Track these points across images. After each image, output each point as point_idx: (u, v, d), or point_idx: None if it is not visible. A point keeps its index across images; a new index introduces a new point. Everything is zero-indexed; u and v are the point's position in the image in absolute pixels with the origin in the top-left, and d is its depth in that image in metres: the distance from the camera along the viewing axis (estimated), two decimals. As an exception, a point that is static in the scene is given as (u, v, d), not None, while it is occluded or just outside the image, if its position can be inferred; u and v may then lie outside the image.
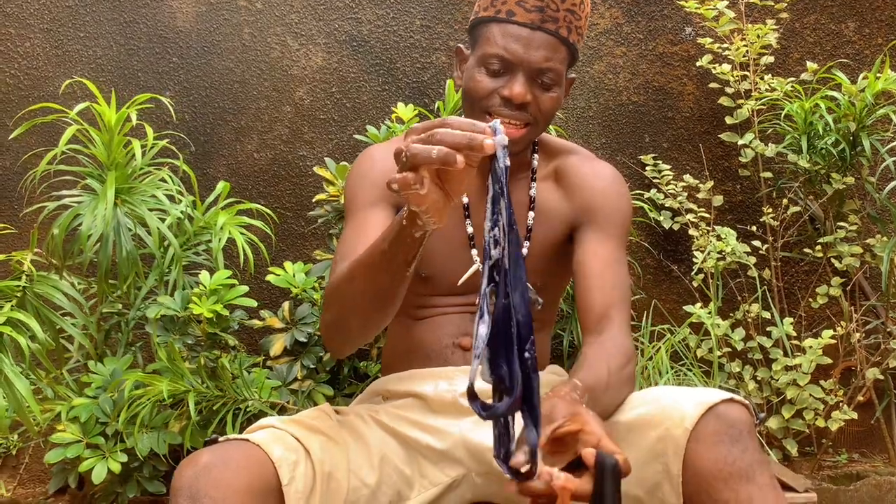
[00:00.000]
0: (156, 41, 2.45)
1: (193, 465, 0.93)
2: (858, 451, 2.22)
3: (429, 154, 0.77)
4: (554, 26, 1.18)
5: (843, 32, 2.40)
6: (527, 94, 1.17)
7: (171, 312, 1.65)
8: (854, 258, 1.99)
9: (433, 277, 1.27)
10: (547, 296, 1.31)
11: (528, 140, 1.24)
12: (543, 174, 1.32)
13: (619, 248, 1.25)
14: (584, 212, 1.28)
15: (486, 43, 1.19)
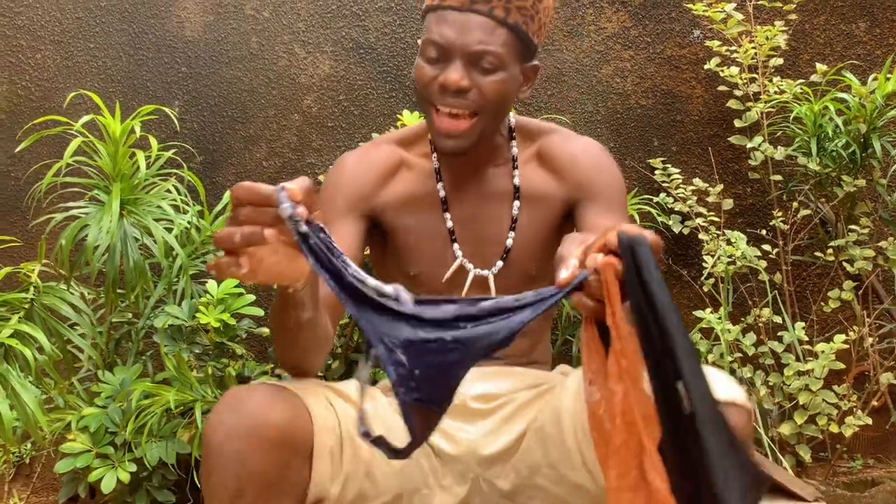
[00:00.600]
0: (164, 51, 2.47)
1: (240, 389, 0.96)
2: (874, 456, 2.19)
3: (231, 239, 0.76)
4: (487, 7, 1.12)
5: (853, 33, 2.38)
6: (462, 80, 1.12)
7: (178, 322, 1.65)
8: (866, 261, 1.97)
9: (420, 275, 1.25)
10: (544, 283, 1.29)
11: (477, 132, 1.17)
12: (525, 158, 1.29)
13: (622, 218, 1.23)
14: (579, 189, 1.24)
15: (425, 32, 1.17)
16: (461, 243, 1.26)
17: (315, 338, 1.03)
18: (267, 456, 0.90)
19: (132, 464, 1.66)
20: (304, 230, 0.77)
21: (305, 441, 0.96)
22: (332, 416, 1.03)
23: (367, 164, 1.26)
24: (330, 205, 1.22)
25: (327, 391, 1.08)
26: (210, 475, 0.90)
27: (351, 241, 1.19)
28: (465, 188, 1.27)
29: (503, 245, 1.25)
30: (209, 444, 0.91)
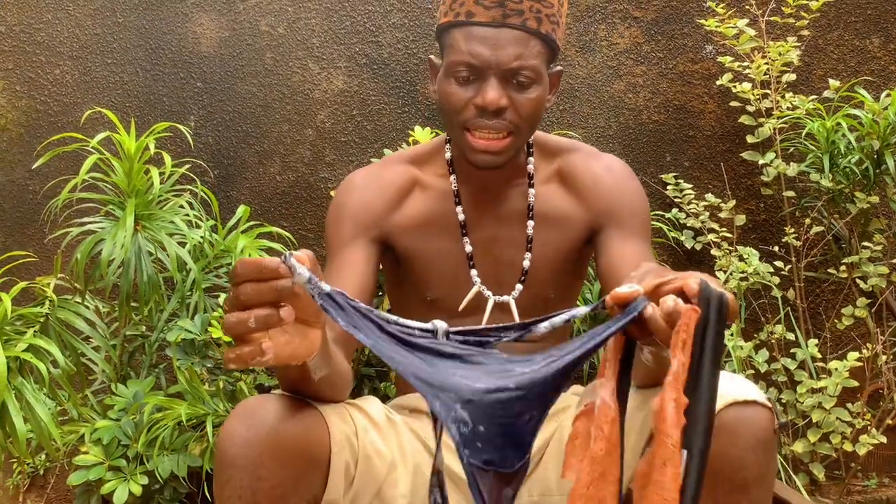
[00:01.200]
0: (180, 66, 2.50)
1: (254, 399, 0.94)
2: (889, 475, 2.17)
3: (246, 326, 0.70)
4: (519, 19, 1.09)
5: (867, 48, 2.37)
6: (501, 99, 1.10)
7: (190, 336, 1.67)
8: (881, 278, 1.96)
9: (438, 300, 1.24)
10: (560, 305, 1.28)
11: (515, 148, 1.16)
12: (544, 177, 1.26)
13: (646, 245, 1.21)
14: (603, 214, 1.22)
15: (451, 50, 1.12)
16: (479, 267, 1.24)
17: (333, 386, 1.00)
18: (281, 468, 0.91)
19: (144, 476, 1.67)
20: (327, 290, 0.73)
21: (320, 453, 0.96)
22: (350, 431, 1.03)
23: (379, 184, 1.24)
24: (339, 229, 1.20)
25: (348, 406, 1.08)
26: (224, 486, 0.90)
27: (362, 268, 1.17)
28: (483, 210, 1.25)
29: (521, 268, 1.24)
30: (223, 455, 0.91)
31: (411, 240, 1.24)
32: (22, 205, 2.47)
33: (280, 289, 0.71)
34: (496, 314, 1.24)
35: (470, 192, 1.25)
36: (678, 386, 0.69)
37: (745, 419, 0.90)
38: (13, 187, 2.48)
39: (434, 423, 0.87)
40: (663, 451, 0.68)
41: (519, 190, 1.26)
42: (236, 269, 0.72)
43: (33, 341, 1.26)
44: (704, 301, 0.72)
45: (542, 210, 1.25)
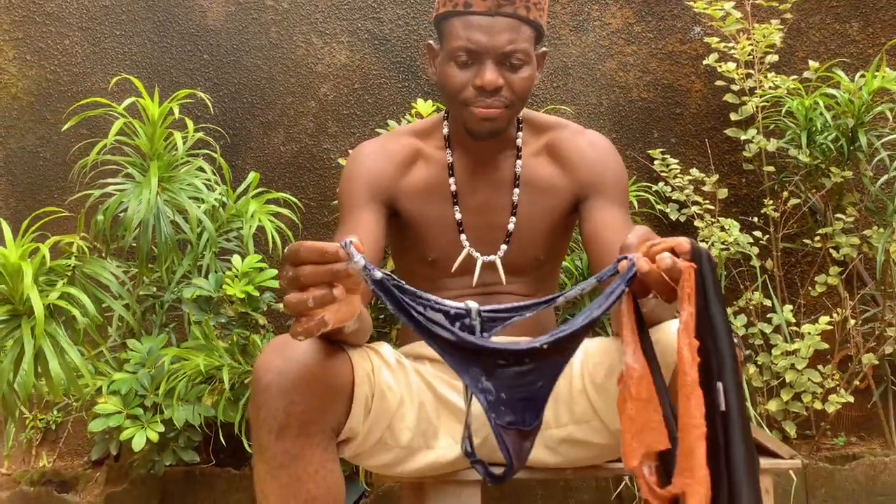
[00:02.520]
0: (187, 39, 2.58)
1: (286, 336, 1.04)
2: (857, 435, 2.31)
3: (306, 305, 0.82)
4: (511, 8, 1.22)
5: (847, 32, 2.48)
6: (498, 79, 1.22)
7: (205, 293, 1.77)
8: (852, 248, 2.08)
9: (438, 260, 1.36)
10: (547, 264, 1.40)
11: (509, 118, 1.29)
12: (533, 150, 1.38)
13: (625, 213, 1.34)
14: (587, 185, 1.35)
15: (450, 37, 1.25)
16: (468, 232, 1.36)
17: (357, 336, 1.12)
18: (311, 396, 1.02)
19: (160, 424, 1.78)
20: (379, 276, 0.85)
21: (344, 385, 1.08)
22: (368, 369, 1.14)
23: (387, 154, 1.35)
24: (352, 193, 1.31)
25: (367, 349, 1.19)
26: (260, 409, 1.01)
27: (374, 227, 1.28)
28: (476, 178, 1.37)
29: (506, 230, 1.36)
30: (259, 382, 1.02)
31: (414, 205, 1.36)
32: (33, 171, 2.56)
33: (337, 272, 0.82)
34: (485, 272, 1.36)
35: (464, 164, 1.37)
36: (690, 332, 0.81)
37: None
38: (24, 154, 2.56)
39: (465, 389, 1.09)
40: (685, 387, 0.80)
41: (508, 161, 1.38)
42: (299, 251, 0.82)
43: (66, 289, 1.36)
44: (697, 256, 0.84)
45: (529, 178, 1.37)
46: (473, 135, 1.30)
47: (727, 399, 0.81)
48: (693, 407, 0.80)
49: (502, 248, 1.36)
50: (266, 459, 1.02)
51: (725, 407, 0.81)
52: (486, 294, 1.37)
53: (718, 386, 0.81)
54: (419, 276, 1.40)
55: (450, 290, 1.37)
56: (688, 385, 0.80)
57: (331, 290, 0.83)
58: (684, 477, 0.80)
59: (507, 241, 1.36)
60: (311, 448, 1.03)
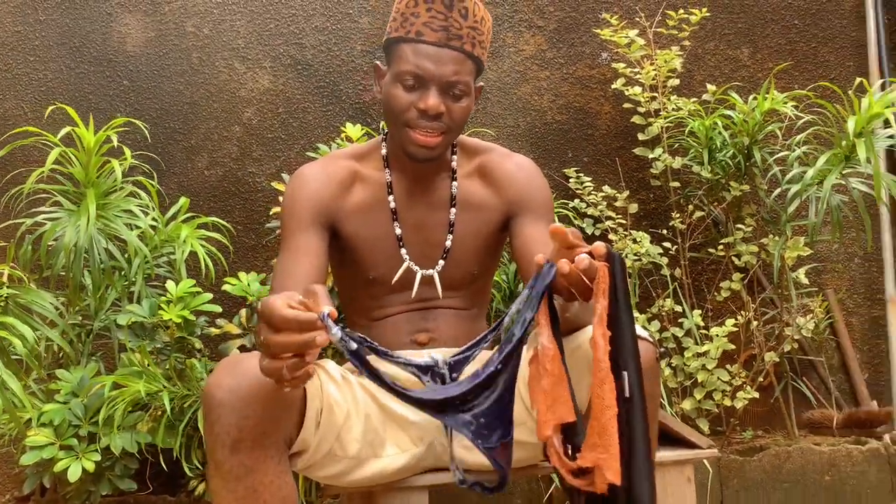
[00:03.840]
0: (106, 65, 2.56)
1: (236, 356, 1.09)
2: (762, 428, 2.49)
3: (281, 375, 0.88)
4: (459, 43, 1.31)
5: (738, 58, 2.70)
6: (440, 106, 1.31)
7: (140, 319, 1.77)
8: (751, 256, 2.27)
9: (378, 279, 1.42)
10: (481, 278, 1.49)
11: (445, 145, 1.38)
12: (466, 172, 1.47)
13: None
14: (515, 204, 1.44)
15: (399, 61, 1.33)
16: (408, 247, 1.43)
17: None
18: (263, 410, 1.06)
19: (96, 454, 1.76)
20: (354, 347, 0.91)
21: (295, 400, 1.12)
22: (317, 384, 1.19)
23: (327, 177, 1.40)
24: (294, 217, 1.36)
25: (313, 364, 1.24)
26: (213, 425, 1.05)
27: (317, 251, 1.33)
28: (414, 197, 1.44)
29: (444, 246, 1.44)
30: (212, 400, 1.05)
31: (354, 225, 1.42)
32: (-58, 201, 2.47)
33: (310, 343, 0.87)
34: (424, 287, 1.44)
35: (402, 184, 1.44)
36: (603, 323, 0.90)
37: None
38: (-67, 183, 2.48)
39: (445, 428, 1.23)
40: (599, 373, 0.89)
41: (444, 182, 1.46)
42: (277, 319, 0.87)
43: (3, 319, 1.35)
44: (611, 259, 0.94)
45: (464, 199, 1.45)
46: (410, 157, 1.37)
47: (630, 386, 0.92)
48: (606, 391, 0.89)
49: (440, 263, 1.44)
50: (222, 474, 1.06)
51: (629, 393, 0.91)
52: (424, 308, 1.44)
53: (624, 375, 0.91)
54: (360, 294, 1.46)
55: (390, 305, 1.44)
56: (602, 371, 0.90)
57: (304, 359, 0.88)
58: (598, 452, 0.89)
59: (444, 256, 1.44)
60: (265, 460, 1.07)
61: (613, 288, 0.93)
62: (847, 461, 2.19)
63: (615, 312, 0.91)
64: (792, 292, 2.24)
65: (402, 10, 1.35)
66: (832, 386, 2.46)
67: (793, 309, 2.25)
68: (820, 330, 2.34)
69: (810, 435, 2.39)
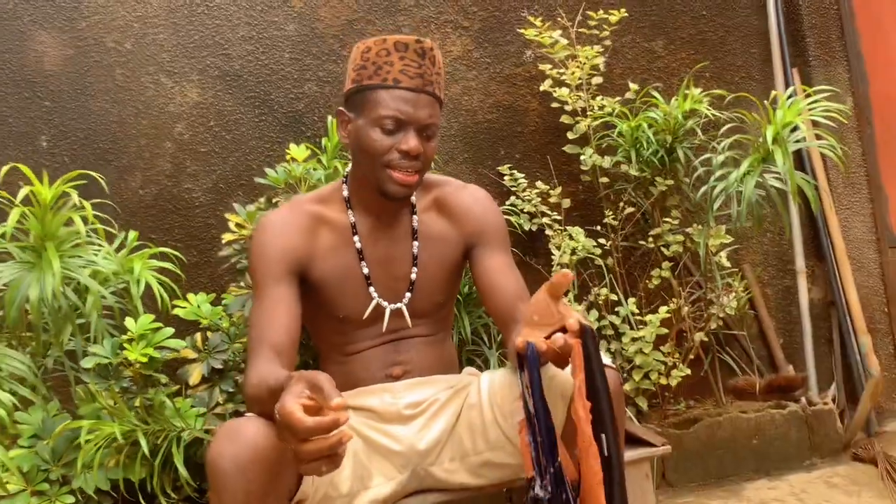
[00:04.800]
0: (24, 86, 2.47)
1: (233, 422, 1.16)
2: (693, 398, 2.70)
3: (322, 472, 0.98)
4: (431, 88, 1.41)
5: (654, 49, 2.84)
6: (419, 147, 1.39)
7: (104, 360, 1.78)
8: (678, 245, 2.43)
9: (348, 317, 1.48)
10: (445, 308, 1.58)
11: (419, 183, 1.46)
12: (424, 206, 1.55)
13: (508, 255, 1.53)
14: (473, 235, 1.53)
15: (378, 107, 1.39)
16: (375, 284, 1.49)
17: None
18: (265, 472, 1.13)
19: (70, 496, 1.77)
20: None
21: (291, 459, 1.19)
22: None
23: (292, 225, 1.45)
24: (264, 268, 1.40)
25: None
26: (222, 493, 1.11)
27: (291, 300, 1.38)
28: (377, 235, 1.50)
29: (409, 279, 1.51)
30: (216, 468, 1.11)
31: (322, 269, 1.47)
32: None
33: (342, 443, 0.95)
34: (393, 319, 1.51)
35: (365, 223, 1.50)
36: (582, 395, 1.01)
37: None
38: None
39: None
40: (584, 441, 1.01)
41: (405, 217, 1.53)
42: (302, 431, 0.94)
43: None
44: (584, 333, 1.05)
45: (425, 232, 1.53)
46: (388, 195, 1.43)
47: (608, 447, 1.04)
48: (591, 458, 1.02)
49: (406, 295, 1.51)
50: None
51: (608, 453, 1.04)
52: (395, 339, 1.52)
53: (602, 437, 1.03)
54: (331, 331, 1.52)
55: (362, 340, 1.51)
56: (585, 440, 1.02)
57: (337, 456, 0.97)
58: None
59: (410, 289, 1.52)
60: None
61: (588, 361, 1.03)
62: (771, 425, 2.42)
63: (591, 381, 1.02)
64: (716, 275, 2.42)
65: (373, 59, 1.41)
66: (753, 355, 2.69)
67: (717, 289, 2.43)
68: (741, 305, 2.54)
69: (737, 401, 2.61)
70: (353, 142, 1.44)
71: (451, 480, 1.42)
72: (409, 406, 1.45)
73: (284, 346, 1.31)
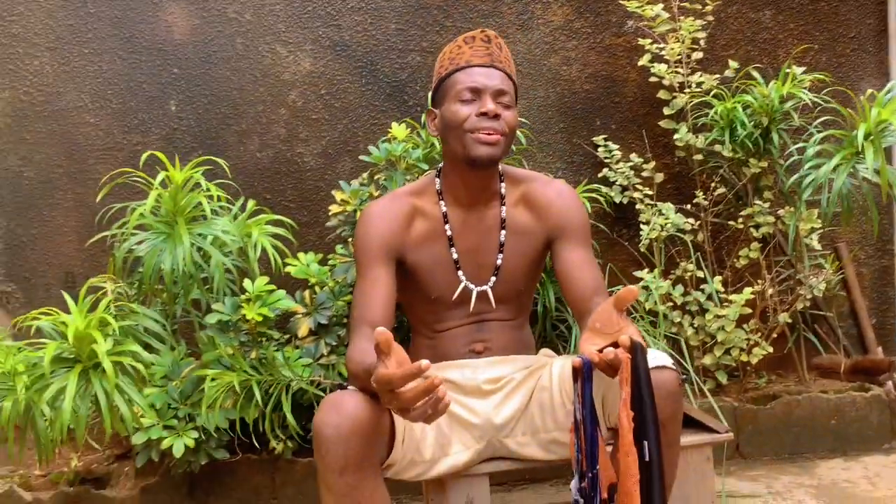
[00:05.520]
0: (156, 54, 2.70)
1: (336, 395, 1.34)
2: (776, 372, 2.74)
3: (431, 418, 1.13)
4: (501, 65, 1.59)
5: (760, 20, 2.79)
6: (497, 107, 1.55)
7: (225, 318, 2.02)
8: (769, 226, 2.45)
9: (439, 298, 1.64)
10: (526, 292, 1.71)
11: (504, 148, 1.58)
12: (513, 200, 1.67)
13: (588, 250, 1.64)
14: (555, 229, 1.64)
15: (456, 85, 1.57)
16: (464, 268, 1.64)
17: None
18: (362, 441, 1.31)
19: (194, 431, 2.05)
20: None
21: (386, 428, 1.38)
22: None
23: (392, 214, 1.61)
24: (366, 252, 1.58)
25: None
26: (325, 456, 1.30)
27: (388, 281, 1.55)
28: (467, 225, 1.64)
29: (495, 265, 1.65)
30: (322, 435, 1.30)
31: (416, 255, 1.63)
32: (19, 190, 2.69)
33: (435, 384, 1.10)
34: (478, 302, 1.65)
35: (456, 213, 1.64)
36: (627, 406, 1.13)
37: (661, 379, 1.34)
38: (8, 174, 2.69)
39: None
40: (625, 446, 1.13)
41: (494, 209, 1.65)
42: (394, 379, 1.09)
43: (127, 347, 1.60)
44: (634, 350, 1.16)
45: (511, 224, 1.65)
46: (476, 161, 1.55)
47: (650, 452, 1.16)
48: (630, 462, 1.14)
49: (491, 279, 1.65)
50: (333, 492, 1.32)
51: (649, 458, 1.15)
52: (479, 321, 1.66)
53: (645, 444, 1.15)
54: (424, 310, 1.68)
55: (450, 319, 1.66)
56: (626, 445, 1.14)
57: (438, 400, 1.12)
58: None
59: (495, 274, 1.65)
60: (365, 480, 1.33)
61: (636, 374, 1.14)
62: (851, 407, 2.45)
63: (638, 394, 1.13)
64: (804, 257, 2.43)
65: (448, 55, 1.60)
66: (840, 334, 2.69)
67: (805, 270, 2.45)
68: (831, 286, 2.55)
69: (819, 379, 2.64)
70: (441, 127, 1.59)
71: (523, 452, 1.58)
72: (488, 381, 1.60)
73: (381, 324, 1.48)
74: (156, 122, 2.70)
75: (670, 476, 1.39)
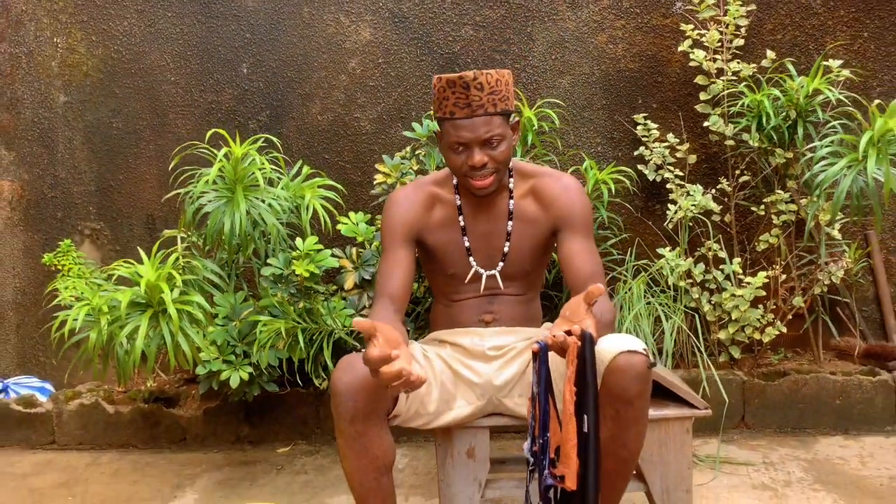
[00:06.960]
0: (231, 19, 2.94)
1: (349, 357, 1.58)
2: (792, 350, 2.88)
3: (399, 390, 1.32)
4: (482, 110, 1.68)
5: (810, 6, 2.82)
6: (483, 159, 1.70)
7: (277, 271, 2.30)
8: (790, 214, 2.56)
9: (455, 274, 1.86)
10: (532, 274, 1.91)
11: (498, 181, 1.77)
12: (521, 192, 1.85)
13: (589, 240, 1.83)
14: (559, 220, 1.83)
15: (447, 134, 1.73)
16: (475, 254, 1.85)
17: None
18: (369, 396, 1.56)
19: (249, 367, 2.36)
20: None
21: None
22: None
23: (414, 201, 1.83)
24: (391, 234, 1.80)
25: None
26: (337, 406, 1.56)
27: (408, 261, 1.78)
28: (478, 215, 1.85)
29: (502, 251, 1.86)
30: (335, 390, 1.56)
31: (434, 238, 1.85)
32: (108, 139, 3.02)
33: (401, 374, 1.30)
34: (489, 281, 1.87)
35: (469, 205, 1.85)
36: (571, 382, 1.34)
37: (630, 362, 1.52)
38: (100, 125, 3.01)
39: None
40: (566, 416, 1.34)
41: (503, 201, 1.85)
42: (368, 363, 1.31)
43: (190, 297, 1.90)
44: (584, 338, 1.35)
45: (519, 214, 1.85)
46: (474, 195, 1.78)
47: (588, 425, 1.36)
48: (570, 429, 1.35)
49: (500, 264, 1.87)
50: (344, 437, 1.58)
51: (587, 429, 1.35)
52: (491, 295, 1.88)
53: (585, 417, 1.35)
54: (442, 282, 1.91)
55: (465, 292, 1.89)
56: (567, 415, 1.35)
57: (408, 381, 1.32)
58: (564, 466, 1.36)
59: (503, 259, 1.86)
60: (371, 427, 1.58)
61: (582, 358, 1.34)
62: (857, 390, 2.58)
63: (582, 376, 1.33)
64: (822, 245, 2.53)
65: (437, 96, 1.74)
66: (859, 318, 2.79)
67: (822, 257, 2.56)
68: (853, 274, 2.64)
69: (834, 360, 2.77)
70: (444, 156, 1.78)
71: (518, 411, 1.81)
72: (493, 349, 1.83)
73: (398, 296, 1.72)
74: (229, 83, 2.96)
75: (637, 444, 1.59)
